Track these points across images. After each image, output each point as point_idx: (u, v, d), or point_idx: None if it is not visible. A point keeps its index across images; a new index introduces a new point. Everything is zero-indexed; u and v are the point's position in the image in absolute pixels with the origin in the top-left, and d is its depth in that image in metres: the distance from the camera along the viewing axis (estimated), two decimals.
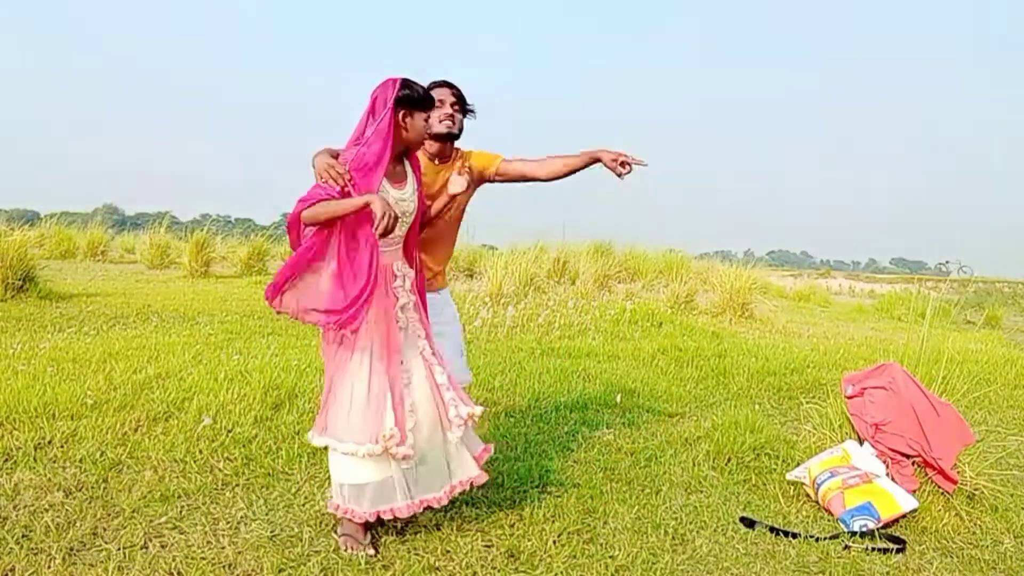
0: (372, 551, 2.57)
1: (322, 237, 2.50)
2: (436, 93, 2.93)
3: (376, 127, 2.52)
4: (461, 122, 3.08)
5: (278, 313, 2.56)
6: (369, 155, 2.50)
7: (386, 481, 2.55)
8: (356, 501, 2.54)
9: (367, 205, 2.42)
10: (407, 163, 2.73)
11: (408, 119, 2.58)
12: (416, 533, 2.76)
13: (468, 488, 2.74)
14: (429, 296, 2.93)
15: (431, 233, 3.02)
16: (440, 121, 2.99)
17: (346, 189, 2.46)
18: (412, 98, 2.57)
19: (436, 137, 3.01)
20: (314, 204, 2.44)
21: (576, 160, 3.06)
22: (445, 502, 2.67)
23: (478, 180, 3.15)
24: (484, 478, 2.76)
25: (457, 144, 3.15)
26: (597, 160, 3.03)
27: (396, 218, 2.46)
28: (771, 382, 6.05)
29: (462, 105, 3.06)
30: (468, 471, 2.71)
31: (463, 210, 3.22)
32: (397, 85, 2.55)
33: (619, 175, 2.98)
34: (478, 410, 2.69)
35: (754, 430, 4.07)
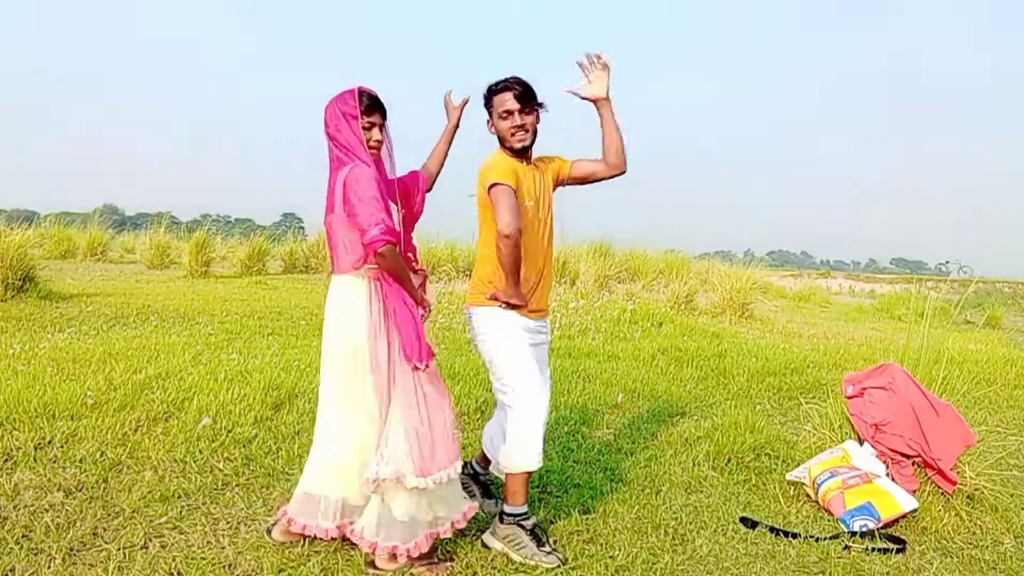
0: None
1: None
2: (498, 101, 2.75)
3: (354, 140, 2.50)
4: (534, 126, 2.80)
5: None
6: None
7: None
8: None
9: (418, 304, 2.57)
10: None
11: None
12: None
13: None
14: (543, 322, 2.91)
15: (533, 244, 2.82)
16: (511, 135, 2.76)
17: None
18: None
19: (512, 153, 2.80)
20: (398, 254, 2.45)
21: (605, 131, 2.87)
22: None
23: (555, 183, 2.96)
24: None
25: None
26: (597, 100, 2.85)
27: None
28: (771, 382, 6.05)
29: (530, 105, 2.77)
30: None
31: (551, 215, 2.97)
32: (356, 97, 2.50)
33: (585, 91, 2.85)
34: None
35: (754, 430, 4.07)
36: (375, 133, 2.52)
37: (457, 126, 2.96)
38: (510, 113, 2.74)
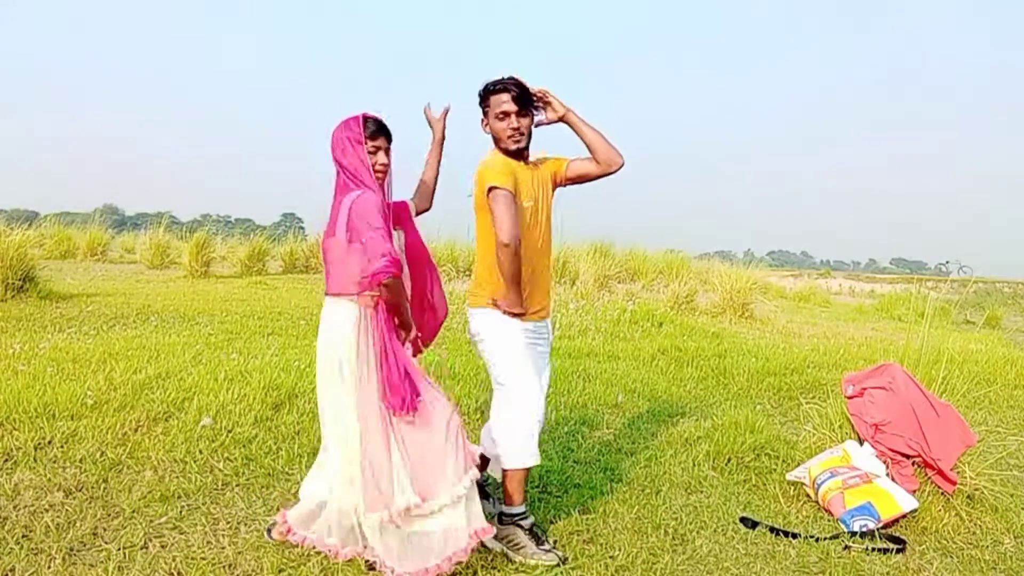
0: None
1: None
2: (494, 101, 2.73)
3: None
4: (529, 127, 2.78)
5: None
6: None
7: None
8: None
9: (404, 327, 2.53)
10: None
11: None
12: None
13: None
14: (543, 324, 2.90)
15: (531, 245, 2.78)
16: (508, 137, 2.73)
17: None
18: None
19: (508, 154, 2.77)
20: (402, 285, 2.44)
21: (583, 138, 2.85)
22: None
23: (553, 187, 2.93)
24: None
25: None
26: (562, 119, 2.85)
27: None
28: (771, 382, 6.05)
29: (526, 106, 2.75)
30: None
31: (550, 218, 2.95)
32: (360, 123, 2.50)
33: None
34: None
35: (754, 430, 4.07)
36: (380, 157, 2.53)
37: (444, 138, 2.95)
38: (507, 115, 2.73)
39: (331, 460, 2.55)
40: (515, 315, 2.71)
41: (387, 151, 2.56)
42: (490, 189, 2.65)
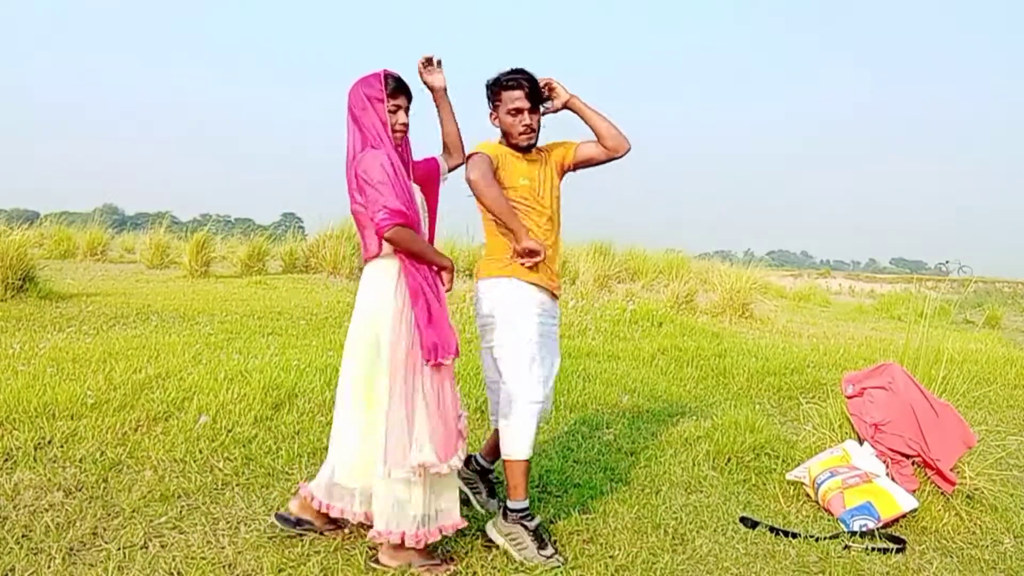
0: None
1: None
2: (507, 97, 2.75)
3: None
4: (539, 123, 2.82)
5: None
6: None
7: None
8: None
9: (443, 268, 2.52)
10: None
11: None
12: None
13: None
14: (554, 305, 3.00)
15: (534, 228, 2.81)
16: (520, 134, 2.77)
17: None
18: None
19: (518, 149, 2.80)
20: (412, 233, 2.41)
21: (590, 124, 2.87)
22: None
23: (561, 172, 2.94)
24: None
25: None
26: (566, 105, 2.87)
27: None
28: (771, 382, 6.05)
29: (538, 103, 2.80)
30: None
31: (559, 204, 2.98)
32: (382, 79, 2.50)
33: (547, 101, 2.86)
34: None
35: (754, 430, 4.07)
36: (401, 116, 2.52)
37: (445, 87, 2.80)
38: (519, 111, 2.74)
39: (346, 441, 2.52)
40: (532, 258, 2.70)
41: (407, 110, 2.55)
42: (468, 157, 2.72)
